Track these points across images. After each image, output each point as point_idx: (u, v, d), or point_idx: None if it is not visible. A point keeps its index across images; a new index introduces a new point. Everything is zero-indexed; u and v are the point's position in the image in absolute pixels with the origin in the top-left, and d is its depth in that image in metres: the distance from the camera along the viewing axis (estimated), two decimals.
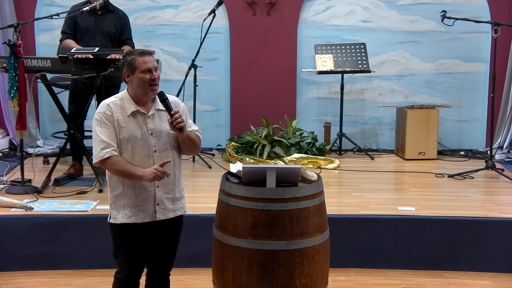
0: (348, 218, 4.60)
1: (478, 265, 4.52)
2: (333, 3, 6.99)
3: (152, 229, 3.22)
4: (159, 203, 3.19)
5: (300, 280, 3.27)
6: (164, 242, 3.30)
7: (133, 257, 3.24)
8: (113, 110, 3.14)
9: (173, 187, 3.24)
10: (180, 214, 3.31)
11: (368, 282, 4.39)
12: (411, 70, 7.05)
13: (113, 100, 3.20)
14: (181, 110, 3.22)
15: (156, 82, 3.15)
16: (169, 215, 3.24)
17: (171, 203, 3.24)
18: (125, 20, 5.75)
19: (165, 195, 3.21)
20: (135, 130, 3.14)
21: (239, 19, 6.91)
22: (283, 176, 3.31)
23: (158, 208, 3.19)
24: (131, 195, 3.16)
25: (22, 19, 6.26)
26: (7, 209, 4.63)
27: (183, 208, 3.33)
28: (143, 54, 3.16)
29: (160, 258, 3.33)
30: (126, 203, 3.16)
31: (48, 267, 4.47)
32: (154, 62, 3.17)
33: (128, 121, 3.14)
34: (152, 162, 3.13)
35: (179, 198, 3.30)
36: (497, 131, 6.86)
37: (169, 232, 3.30)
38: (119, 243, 3.24)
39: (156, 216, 3.19)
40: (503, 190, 5.54)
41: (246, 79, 6.97)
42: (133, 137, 3.13)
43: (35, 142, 6.67)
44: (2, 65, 5.14)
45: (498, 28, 5.69)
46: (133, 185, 3.15)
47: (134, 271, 3.27)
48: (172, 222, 3.28)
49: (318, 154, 6.38)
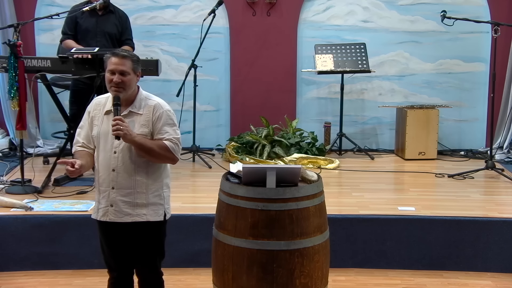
0: (348, 218, 4.60)
1: (478, 265, 4.52)
2: (333, 3, 6.99)
3: (111, 229, 3.26)
4: (113, 204, 3.20)
5: (300, 280, 3.27)
6: (131, 245, 3.27)
7: (108, 251, 3.32)
8: (94, 107, 3.26)
9: (133, 192, 3.19)
10: (140, 220, 3.20)
11: (368, 282, 4.39)
12: (411, 70, 7.05)
13: (101, 97, 3.30)
14: (156, 115, 3.18)
15: (117, 85, 3.11)
16: (125, 219, 3.20)
17: (129, 207, 3.19)
18: (125, 20, 5.75)
19: (121, 197, 3.19)
20: (105, 128, 3.19)
21: (239, 19, 6.90)
22: (283, 176, 3.31)
23: (112, 209, 3.21)
24: (97, 191, 3.28)
25: (22, 19, 6.26)
26: (7, 209, 4.63)
27: (146, 215, 3.20)
28: (113, 55, 3.16)
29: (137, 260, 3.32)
30: (96, 199, 3.31)
31: (48, 267, 4.47)
32: (121, 66, 3.11)
33: (101, 119, 3.21)
34: (112, 162, 3.17)
35: (144, 205, 3.20)
36: (497, 131, 6.86)
37: (129, 236, 3.25)
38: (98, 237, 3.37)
39: (108, 216, 3.22)
40: (503, 190, 5.54)
41: (246, 79, 6.97)
42: (100, 135, 3.20)
43: (35, 142, 6.66)
44: (2, 65, 5.14)
45: (498, 28, 5.69)
46: (97, 182, 3.26)
47: (115, 266, 3.33)
48: (132, 227, 3.22)
49: (318, 154, 6.38)
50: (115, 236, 3.27)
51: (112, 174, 3.18)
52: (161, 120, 3.19)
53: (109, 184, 3.20)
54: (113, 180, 3.18)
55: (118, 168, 3.17)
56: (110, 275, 3.40)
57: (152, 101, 3.23)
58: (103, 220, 3.24)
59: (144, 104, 3.20)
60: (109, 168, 3.19)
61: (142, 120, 3.18)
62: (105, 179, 3.21)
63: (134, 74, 3.16)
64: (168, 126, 3.20)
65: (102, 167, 3.21)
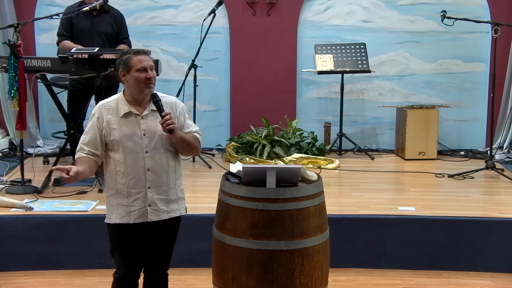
0: (348, 218, 4.60)
1: (478, 265, 4.52)
2: (333, 3, 6.99)
3: (145, 230, 3.23)
4: (151, 204, 3.19)
5: (300, 280, 3.27)
6: (158, 243, 3.30)
7: (128, 256, 3.25)
8: (103, 112, 3.19)
9: (167, 189, 3.23)
10: (175, 215, 3.29)
11: (368, 282, 4.39)
12: (411, 70, 7.05)
13: (107, 102, 3.25)
14: (179, 111, 3.26)
15: (151, 81, 3.18)
16: (163, 216, 3.23)
17: (164, 205, 3.23)
18: (121, 19, 5.72)
19: (158, 196, 3.21)
20: (127, 130, 3.17)
21: (239, 19, 6.90)
22: (283, 176, 3.31)
23: (150, 209, 3.20)
24: (124, 195, 3.18)
25: (22, 19, 6.25)
26: (7, 209, 4.63)
27: (179, 210, 3.31)
28: (138, 53, 3.19)
29: (155, 258, 3.33)
30: (119, 203, 3.20)
31: (48, 267, 4.47)
32: (149, 62, 3.19)
33: (120, 122, 3.17)
34: (143, 163, 3.16)
35: (175, 200, 3.28)
36: (497, 131, 6.86)
37: (163, 233, 3.29)
38: (114, 242, 3.27)
39: (147, 216, 3.20)
40: (503, 190, 5.54)
41: (246, 79, 6.97)
42: (124, 138, 3.16)
43: (35, 142, 6.67)
44: (2, 65, 5.14)
45: (498, 28, 5.69)
46: (126, 185, 3.17)
47: (129, 270, 3.29)
48: (166, 224, 3.26)
49: (318, 154, 6.38)
50: (143, 238, 3.24)
51: (146, 174, 3.17)
52: (184, 115, 3.30)
53: (144, 185, 3.18)
54: (148, 179, 3.18)
55: (153, 167, 3.18)
56: (117, 279, 3.31)
57: (169, 98, 3.30)
58: (139, 222, 3.19)
59: (163, 102, 3.22)
60: (142, 168, 3.17)
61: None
62: (139, 180, 3.17)
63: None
64: (189, 120, 3.34)
65: (132, 169, 3.16)
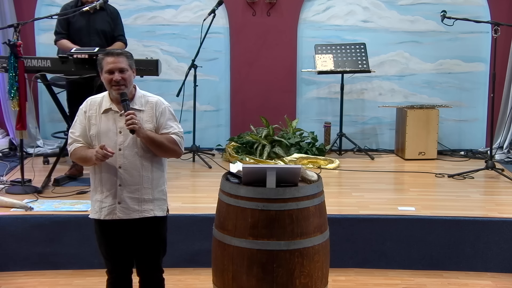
0: (348, 218, 4.60)
1: (478, 265, 4.52)
2: (333, 3, 6.99)
3: (117, 227, 3.24)
4: (121, 202, 3.20)
5: (300, 280, 3.27)
6: (139, 243, 3.28)
7: (110, 252, 3.30)
8: (89, 107, 3.25)
9: (140, 188, 3.21)
10: (148, 216, 3.23)
11: (368, 282, 4.39)
12: (411, 70, 7.05)
13: (94, 97, 3.29)
14: (159, 111, 3.24)
15: (118, 83, 3.14)
16: (133, 215, 3.21)
17: (136, 204, 3.21)
18: (116, 16, 5.69)
19: (129, 194, 3.20)
20: (104, 127, 3.19)
21: (239, 19, 6.90)
22: (283, 176, 3.31)
23: (119, 207, 3.20)
24: (98, 191, 3.23)
25: (22, 19, 6.25)
26: (7, 209, 4.63)
27: (153, 210, 3.24)
28: (108, 54, 3.19)
29: (141, 260, 3.33)
30: (95, 199, 3.26)
31: (48, 267, 4.47)
32: (118, 64, 3.14)
33: (100, 118, 3.21)
34: (118, 159, 3.17)
35: (150, 200, 3.24)
36: (497, 131, 6.86)
37: (140, 233, 3.26)
38: (96, 237, 3.35)
39: (116, 214, 3.20)
40: (503, 190, 5.54)
41: (246, 79, 6.97)
42: (101, 134, 3.19)
43: (35, 142, 6.66)
44: (2, 65, 5.14)
45: (498, 28, 5.69)
46: (100, 182, 3.22)
47: (116, 267, 3.33)
48: (139, 223, 3.23)
49: (318, 154, 6.38)
50: (119, 235, 3.26)
51: (118, 172, 3.18)
52: (165, 116, 3.25)
53: (115, 182, 3.19)
54: (120, 177, 3.18)
55: (125, 165, 3.18)
56: (108, 275, 3.39)
57: (153, 98, 3.28)
58: (109, 219, 3.22)
59: (145, 101, 3.24)
60: (114, 165, 3.18)
61: (146, 117, 3.21)
62: (110, 177, 3.19)
63: (131, 70, 3.21)
64: (171, 121, 3.28)
65: (105, 166, 3.19)
